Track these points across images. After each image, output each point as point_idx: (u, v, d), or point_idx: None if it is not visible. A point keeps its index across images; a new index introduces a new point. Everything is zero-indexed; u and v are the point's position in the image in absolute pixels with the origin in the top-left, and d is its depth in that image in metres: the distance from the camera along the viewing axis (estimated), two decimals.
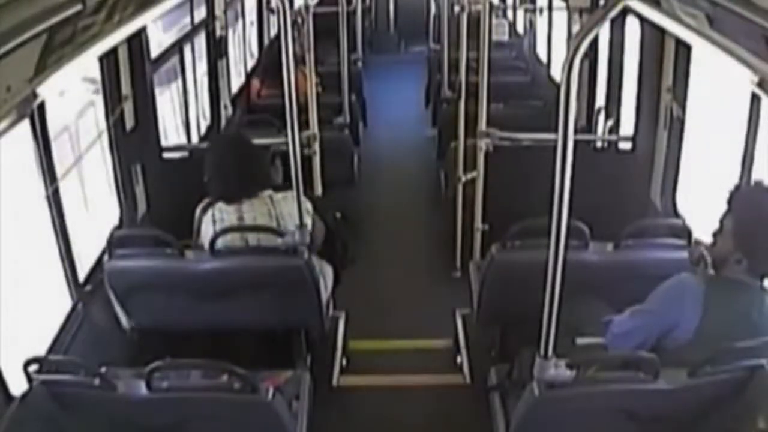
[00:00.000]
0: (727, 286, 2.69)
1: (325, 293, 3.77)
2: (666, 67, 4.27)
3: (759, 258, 2.64)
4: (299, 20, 6.11)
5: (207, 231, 3.55)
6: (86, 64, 2.81)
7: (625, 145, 4.93)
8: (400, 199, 7.02)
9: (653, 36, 4.30)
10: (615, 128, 5.28)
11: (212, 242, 3.43)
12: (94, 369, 2.67)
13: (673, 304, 2.71)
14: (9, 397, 2.65)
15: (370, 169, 7.29)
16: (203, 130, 6.31)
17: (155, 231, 3.64)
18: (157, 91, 4.93)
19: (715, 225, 2.76)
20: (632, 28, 4.78)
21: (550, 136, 2.93)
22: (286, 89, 3.31)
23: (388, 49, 12.31)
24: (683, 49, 4.02)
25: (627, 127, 4.99)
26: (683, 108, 4.15)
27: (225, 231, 3.48)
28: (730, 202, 2.71)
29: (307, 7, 5.32)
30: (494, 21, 5.87)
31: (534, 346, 2.53)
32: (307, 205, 3.63)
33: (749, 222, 2.64)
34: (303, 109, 4.45)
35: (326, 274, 3.92)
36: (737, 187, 2.72)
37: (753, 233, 2.62)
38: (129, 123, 4.40)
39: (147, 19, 3.03)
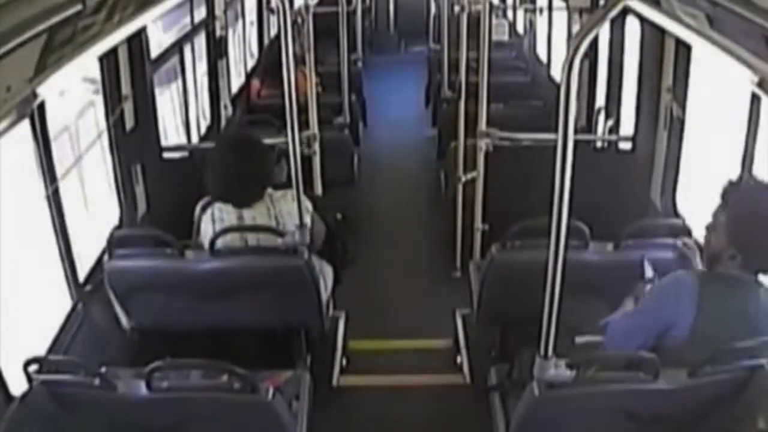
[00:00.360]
0: (721, 283, 2.68)
1: (325, 293, 3.78)
2: (666, 67, 4.27)
3: (753, 253, 2.62)
4: (299, 20, 6.11)
5: (207, 230, 3.55)
6: (86, 64, 2.81)
7: (625, 145, 4.93)
8: (400, 199, 7.02)
9: (653, 36, 4.30)
10: (615, 128, 5.29)
11: (212, 242, 3.43)
12: (94, 369, 2.67)
13: (668, 301, 2.70)
14: (9, 397, 2.65)
15: (370, 169, 7.29)
16: (203, 130, 6.31)
17: (155, 231, 3.64)
18: (157, 91, 4.93)
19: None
20: (632, 28, 4.78)
21: (550, 136, 2.94)
22: (286, 89, 3.31)
23: (388, 49, 12.31)
24: (683, 49, 4.02)
25: (627, 127, 4.99)
26: (683, 108, 4.15)
27: (225, 231, 3.48)
28: (723, 197, 2.70)
29: (307, 7, 5.32)
30: (494, 21, 5.87)
31: (534, 346, 2.53)
32: (307, 204, 3.62)
33: (743, 217, 2.62)
34: (303, 109, 4.46)
35: (326, 274, 3.92)
36: (731, 182, 2.71)
37: (747, 228, 2.60)
38: (129, 123, 4.40)
39: (147, 19, 3.03)
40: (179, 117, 6.22)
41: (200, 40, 6.20)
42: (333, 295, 4.16)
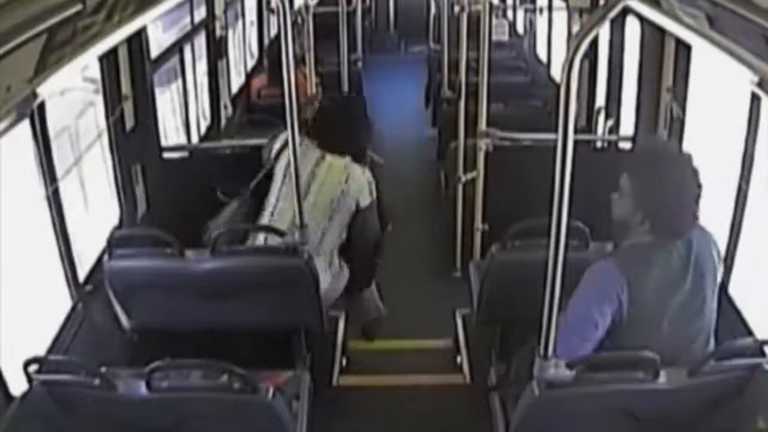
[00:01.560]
0: (637, 255, 2.69)
1: (333, 294, 3.82)
2: (666, 67, 4.27)
3: (660, 216, 2.63)
4: (299, 20, 6.12)
5: (281, 163, 3.83)
6: (87, 64, 2.81)
7: (625, 145, 4.93)
8: (400, 199, 7.01)
9: (653, 36, 4.30)
10: (615, 128, 5.28)
11: (214, 242, 3.43)
12: (94, 369, 2.67)
13: (596, 292, 2.68)
14: (9, 397, 2.65)
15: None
16: (203, 130, 6.31)
17: (155, 231, 3.64)
18: (157, 91, 4.93)
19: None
20: (632, 28, 4.78)
21: (550, 136, 2.94)
22: (286, 89, 3.31)
23: (388, 49, 12.30)
24: (683, 49, 4.02)
25: (627, 127, 4.99)
26: (683, 108, 4.15)
27: (225, 233, 3.51)
28: (627, 164, 2.73)
29: (307, 7, 5.33)
30: (494, 21, 5.87)
31: (534, 346, 2.53)
32: (371, 189, 3.90)
33: (647, 179, 2.65)
34: (303, 109, 4.46)
35: (342, 276, 3.95)
36: (632, 149, 2.72)
37: (651, 190, 2.63)
38: (129, 123, 4.40)
39: (147, 19, 3.03)
40: (179, 117, 6.22)
41: (200, 40, 6.20)
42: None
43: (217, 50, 6.31)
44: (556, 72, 6.73)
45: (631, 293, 2.63)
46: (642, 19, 4.08)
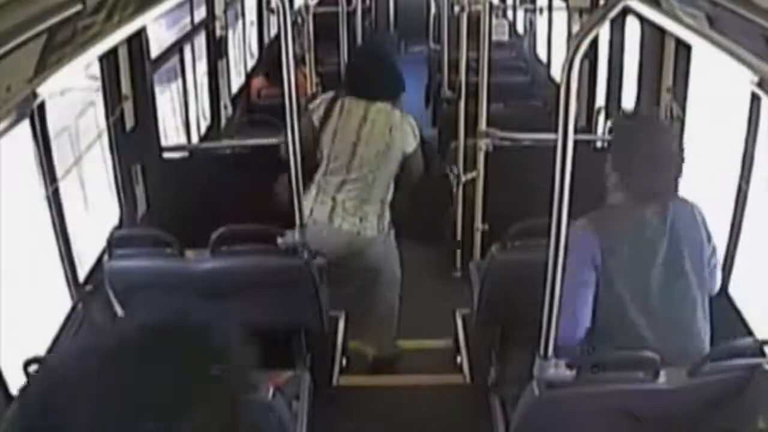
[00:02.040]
0: (610, 215, 2.77)
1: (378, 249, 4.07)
2: (666, 67, 4.27)
3: (633, 179, 2.70)
4: (299, 20, 6.12)
5: (333, 119, 3.96)
6: (89, 63, 2.81)
7: None
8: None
9: (653, 36, 4.31)
10: None
11: (215, 241, 3.43)
12: None
13: (578, 258, 2.64)
14: (9, 397, 2.65)
15: None
16: (203, 130, 6.31)
17: (155, 231, 3.64)
18: (157, 90, 4.93)
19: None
20: (632, 28, 4.78)
21: (550, 136, 2.94)
22: (286, 89, 3.30)
23: None
24: (683, 49, 4.02)
25: None
26: (683, 108, 4.15)
27: (224, 234, 3.50)
28: (611, 130, 2.88)
29: (307, 7, 5.33)
30: (494, 21, 5.88)
31: (534, 346, 2.53)
32: (415, 130, 4.09)
33: (624, 143, 2.76)
34: (303, 110, 4.46)
35: (390, 235, 4.19)
36: (618, 114, 2.81)
37: (627, 154, 2.72)
38: (129, 123, 4.40)
39: (147, 19, 3.03)
40: (179, 117, 6.22)
41: (200, 40, 6.20)
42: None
43: (217, 50, 6.31)
44: (556, 72, 6.73)
45: (603, 258, 2.66)
46: (642, 19, 4.08)
